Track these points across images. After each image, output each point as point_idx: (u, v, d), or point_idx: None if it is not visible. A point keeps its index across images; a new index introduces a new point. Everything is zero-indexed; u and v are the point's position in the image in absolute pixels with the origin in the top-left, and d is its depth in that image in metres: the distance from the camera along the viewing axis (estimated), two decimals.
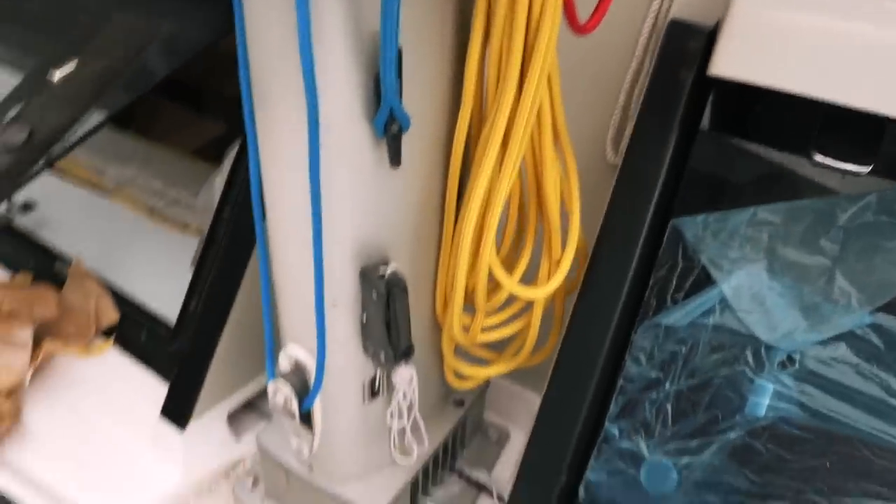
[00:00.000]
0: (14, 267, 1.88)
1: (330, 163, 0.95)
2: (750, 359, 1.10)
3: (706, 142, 1.17)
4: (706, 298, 1.13)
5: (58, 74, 1.36)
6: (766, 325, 1.10)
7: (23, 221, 2.01)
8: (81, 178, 2.25)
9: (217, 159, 1.75)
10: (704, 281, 1.13)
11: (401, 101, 0.90)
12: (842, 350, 1.06)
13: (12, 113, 1.33)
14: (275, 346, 1.20)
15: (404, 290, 1.06)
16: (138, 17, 1.46)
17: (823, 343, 1.08)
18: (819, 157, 1.08)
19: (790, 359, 1.09)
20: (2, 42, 1.62)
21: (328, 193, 0.97)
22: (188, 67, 1.33)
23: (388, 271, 1.06)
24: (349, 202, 1.01)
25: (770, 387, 1.10)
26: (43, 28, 1.62)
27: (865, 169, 1.06)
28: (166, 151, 2.34)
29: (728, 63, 1.03)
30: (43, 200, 2.07)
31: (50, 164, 1.37)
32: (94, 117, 1.36)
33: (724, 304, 1.12)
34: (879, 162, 1.06)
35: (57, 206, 2.10)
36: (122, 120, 2.48)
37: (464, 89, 1.02)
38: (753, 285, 1.12)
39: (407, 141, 0.97)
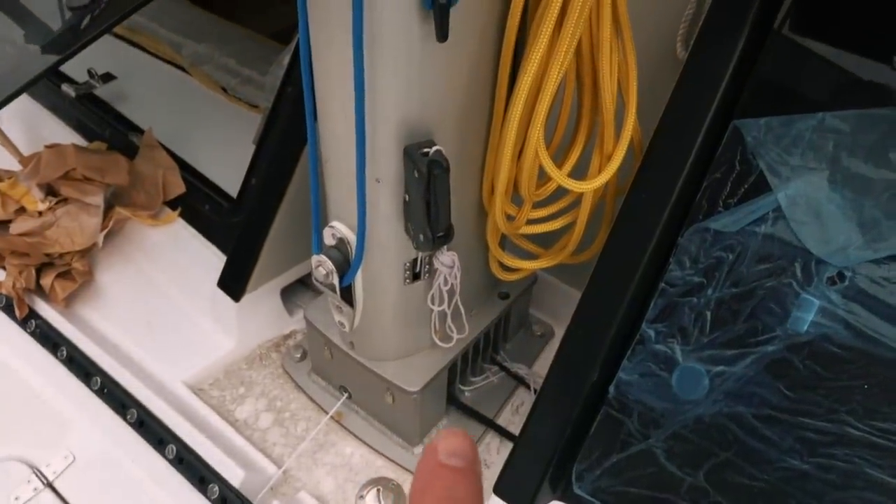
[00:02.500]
0: (91, 135, 1.96)
1: (374, 34, 0.93)
2: (798, 272, 1.07)
3: (779, 42, 1.10)
4: (760, 205, 1.09)
5: None
6: (820, 237, 1.06)
7: (102, 91, 2.07)
8: (160, 53, 2.29)
9: None
10: (760, 187, 1.09)
11: None
12: None
13: None
14: (321, 221, 1.22)
15: (446, 170, 1.05)
16: None
17: (877, 262, 1.03)
18: None
19: (840, 275, 1.05)
20: None
21: (372, 66, 0.96)
22: None
23: (432, 150, 1.05)
24: (393, 76, 1.00)
25: (816, 302, 1.06)
26: None
27: None
28: (244, 32, 2.36)
29: None
30: (122, 72, 2.13)
31: (113, 26, 1.38)
32: None
33: (778, 213, 1.08)
34: None
35: (135, 79, 2.15)
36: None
37: None
38: (811, 195, 1.07)
39: (457, 15, 0.94)
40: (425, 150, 1.05)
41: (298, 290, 1.81)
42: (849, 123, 1.06)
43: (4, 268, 1.72)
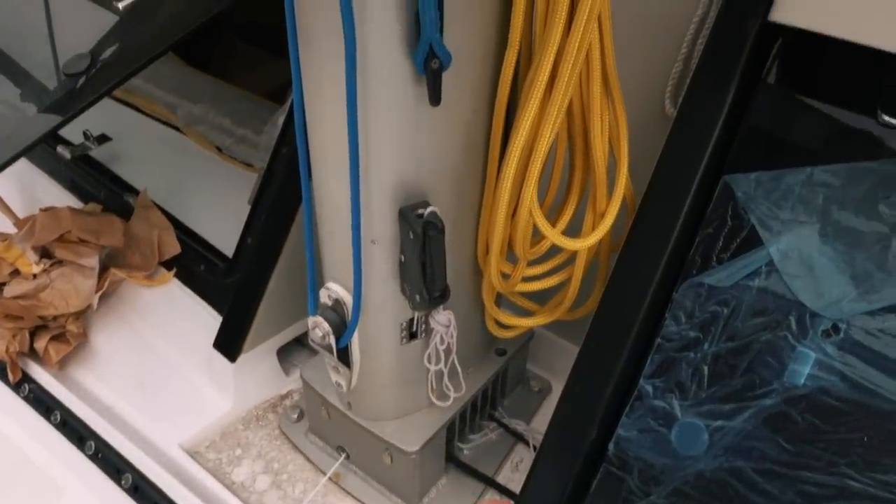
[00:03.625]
0: (87, 196, 1.97)
1: (368, 98, 0.95)
2: (793, 325, 1.07)
3: (766, 96, 1.13)
4: (752, 260, 1.10)
5: (122, 4, 1.40)
6: (814, 290, 1.07)
7: (97, 152, 2.09)
8: (156, 114, 2.32)
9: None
10: (752, 241, 1.10)
11: (441, 37, 0.89)
12: (891, 322, 1.02)
13: (75, 40, 1.37)
14: (317, 281, 1.22)
15: (441, 231, 1.06)
16: None
17: (872, 314, 1.03)
18: (885, 117, 1.02)
19: (835, 328, 1.05)
20: None
21: (366, 129, 0.97)
22: (263, 6, 1.34)
23: (426, 212, 1.06)
24: (387, 139, 1.02)
25: (812, 355, 1.06)
26: None
27: None
28: (238, 91, 2.39)
29: (791, 9, 0.98)
30: (117, 133, 2.14)
31: (108, 92, 1.40)
32: (153, 48, 1.39)
33: (771, 266, 1.09)
34: None
35: (131, 140, 2.17)
36: (198, 60, 2.55)
37: (510, 27, 1.00)
38: (803, 249, 1.08)
39: (449, 79, 0.96)
40: (420, 211, 1.06)
41: (295, 349, 1.80)
42: (837, 177, 1.08)
43: None
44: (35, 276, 1.73)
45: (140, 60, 1.35)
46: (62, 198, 1.99)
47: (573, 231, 1.20)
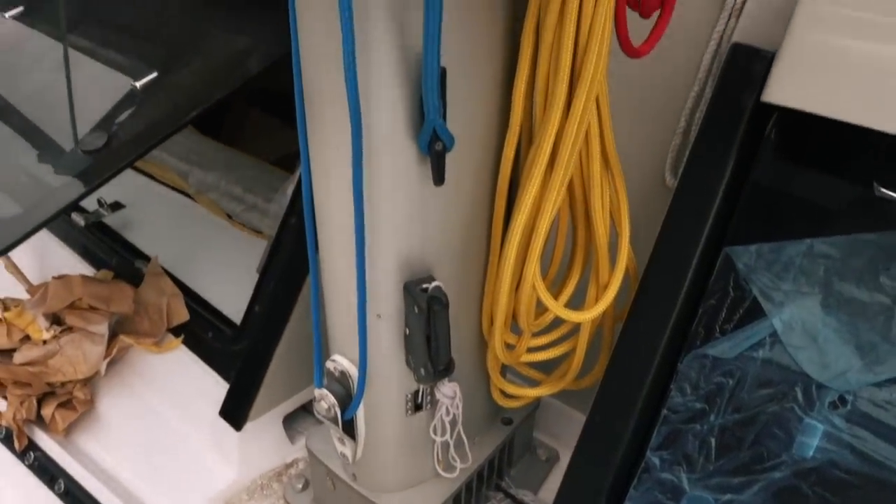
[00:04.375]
0: (99, 262, 1.99)
1: (374, 177, 0.97)
2: (799, 396, 1.07)
3: (765, 168, 1.14)
4: (756, 331, 1.10)
5: (139, 84, 1.44)
6: (818, 362, 1.07)
7: (111, 219, 2.12)
8: (168, 181, 2.36)
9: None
10: (755, 313, 1.10)
11: (444, 121, 0.92)
12: None
13: (94, 117, 1.41)
14: (322, 353, 1.23)
15: (445, 306, 1.07)
16: (215, 33, 1.54)
17: (878, 385, 1.03)
18: (882, 190, 1.04)
19: (842, 399, 1.05)
20: (91, 52, 1.71)
21: (372, 207, 0.99)
22: (275, 76, 1.38)
23: (431, 286, 1.07)
24: (392, 216, 1.04)
25: (820, 427, 1.05)
26: (128, 41, 1.71)
27: None
28: (249, 159, 2.43)
29: (783, 90, 1.01)
30: (131, 201, 2.18)
31: (124, 168, 1.44)
32: (169, 125, 1.43)
33: (775, 337, 1.09)
34: None
35: (143, 207, 2.21)
36: (210, 127, 2.60)
37: (511, 110, 1.03)
38: (806, 320, 1.08)
39: (452, 160, 0.98)
40: (425, 286, 1.07)
41: (300, 416, 1.80)
42: (838, 249, 1.09)
43: (6, 397, 1.72)
44: (45, 342, 1.75)
45: (156, 137, 1.39)
46: (75, 264, 2.01)
47: (577, 301, 1.21)
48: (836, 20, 0.98)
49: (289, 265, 1.52)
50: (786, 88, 1.01)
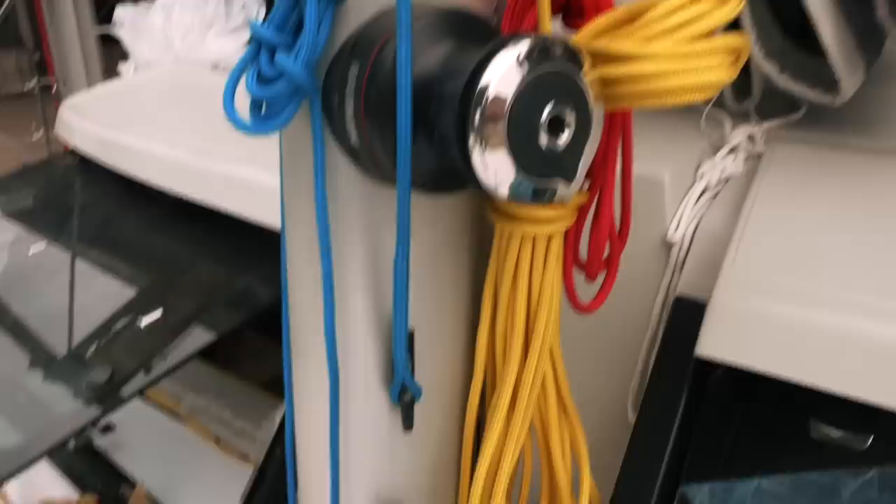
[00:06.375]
0: (84, 485, 2.02)
1: (349, 423, 1.07)
2: None
3: (711, 411, 1.24)
4: None
5: (145, 321, 1.58)
6: None
7: (100, 442, 2.18)
8: (161, 404, 2.44)
9: None
10: None
11: (413, 376, 1.03)
12: None
13: (96, 351, 1.53)
14: None
15: None
16: (217, 271, 1.69)
17: None
18: (817, 431, 1.13)
19: None
20: (93, 289, 1.86)
21: (346, 450, 1.08)
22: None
23: None
24: (364, 458, 1.12)
25: None
26: (134, 276, 1.88)
27: (864, 444, 1.10)
28: (241, 383, 2.52)
29: (713, 345, 1.13)
30: (122, 423, 2.25)
31: (128, 401, 1.53)
32: (174, 359, 1.55)
33: None
34: (881, 437, 1.10)
35: (134, 430, 2.27)
36: (206, 350, 2.71)
37: (475, 363, 1.15)
38: None
39: (421, 408, 1.08)
40: None
41: None
42: (783, 487, 1.16)
43: None
44: None
45: (160, 371, 1.49)
46: (61, 485, 2.04)
47: None
48: (754, 284, 1.13)
49: (271, 499, 1.57)
50: (717, 344, 1.13)
